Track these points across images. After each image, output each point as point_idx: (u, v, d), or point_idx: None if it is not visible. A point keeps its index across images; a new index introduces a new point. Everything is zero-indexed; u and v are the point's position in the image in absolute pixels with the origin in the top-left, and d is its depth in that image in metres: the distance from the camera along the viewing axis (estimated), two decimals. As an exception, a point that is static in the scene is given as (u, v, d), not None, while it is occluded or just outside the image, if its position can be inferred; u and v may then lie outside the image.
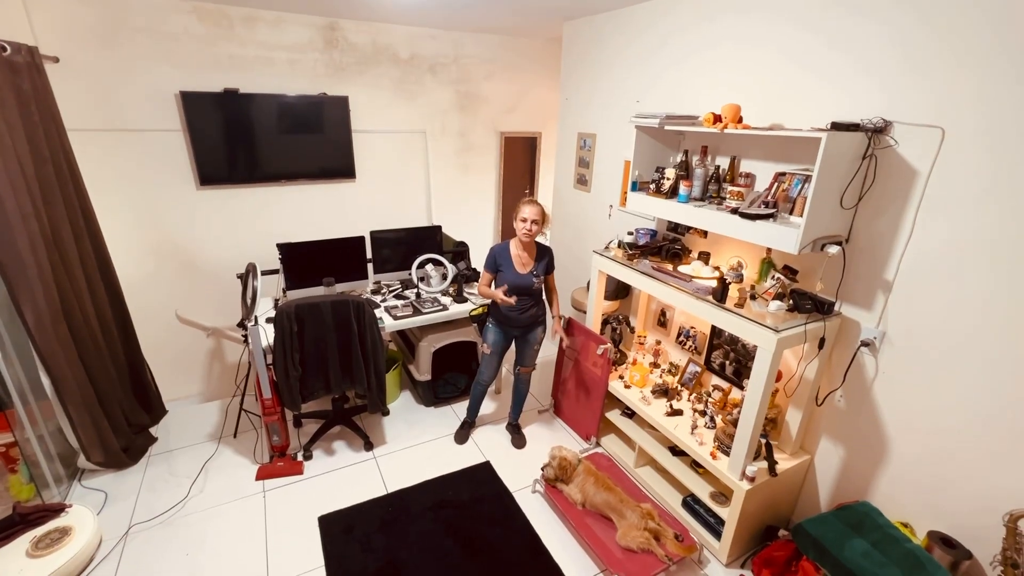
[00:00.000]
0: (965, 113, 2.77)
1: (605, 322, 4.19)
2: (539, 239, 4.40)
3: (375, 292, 4.37)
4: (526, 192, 4.55)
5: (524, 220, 3.39)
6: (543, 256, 3.56)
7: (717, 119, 3.09)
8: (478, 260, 5.24)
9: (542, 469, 3.59)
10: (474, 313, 4.00)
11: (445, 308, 4.14)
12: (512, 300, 3.43)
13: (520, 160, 5.86)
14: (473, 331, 4.37)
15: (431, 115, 5.23)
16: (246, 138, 4.34)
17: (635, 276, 3.45)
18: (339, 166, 4.80)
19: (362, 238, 4.42)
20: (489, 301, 3.75)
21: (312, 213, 4.85)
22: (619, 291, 4.27)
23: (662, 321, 4.03)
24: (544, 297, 3.72)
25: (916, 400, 3.06)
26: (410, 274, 4.42)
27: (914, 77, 2.86)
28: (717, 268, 3.38)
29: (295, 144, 4.57)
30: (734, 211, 3.01)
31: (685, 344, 3.89)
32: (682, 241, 3.74)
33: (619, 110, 4.28)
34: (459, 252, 4.67)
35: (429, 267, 4.47)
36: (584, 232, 4.80)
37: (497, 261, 3.54)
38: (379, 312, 4.07)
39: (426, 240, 4.59)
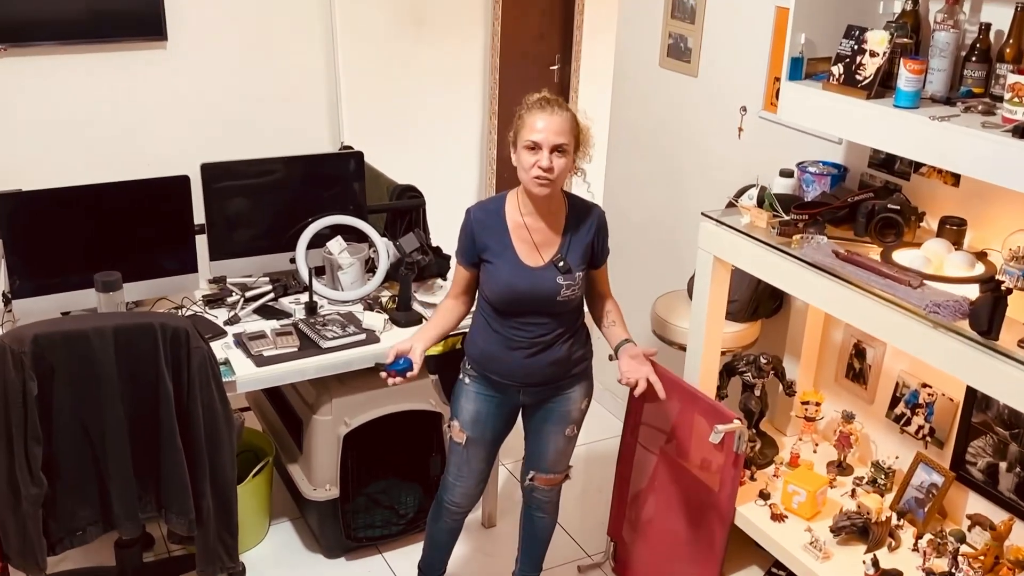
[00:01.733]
0: None
1: (729, 370, 3.18)
2: (573, 188, 3.13)
3: (212, 302, 3.22)
4: (540, 93, 3.15)
5: (535, 146, 2.52)
6: (583, 225, 2.69)
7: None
8: (445, 229, 3.91)
9: None
10: (432, 352, 2.94)
11: (370, 338, 3.08)
12: (386, 375, 2.84)
13: (538, 6, 5.17)
14: (432, 389, 3.10)
15: None
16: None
17: (796, 273, 2.72)
18: (131, 13, 4.02)
19: (183, 180, 3.11)
20: (463, 332, 2.92)
21: (65, 122, 4.08)
22: (760, 304, 3.20)
23: (856, 371, 3.08)
24: (583, 317, 2.75)
25: None
26: (292, 261, 3.24)
27: None
28: (982, 255, 2.64)
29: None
30: (1023, 130, 2.26)
31: (908, 423, 2.95)
32: (903, 193, 2.82)
33: None
34: (402, 211, 3.57)
35: (334, 244, 3.27)
36: (679, 170, 3.70)
37: (478, 241, 2.68)
38: (221, 348, 2.93)
39: (328, 184, 3.42)
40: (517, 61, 4.94)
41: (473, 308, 2.63)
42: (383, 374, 2.46)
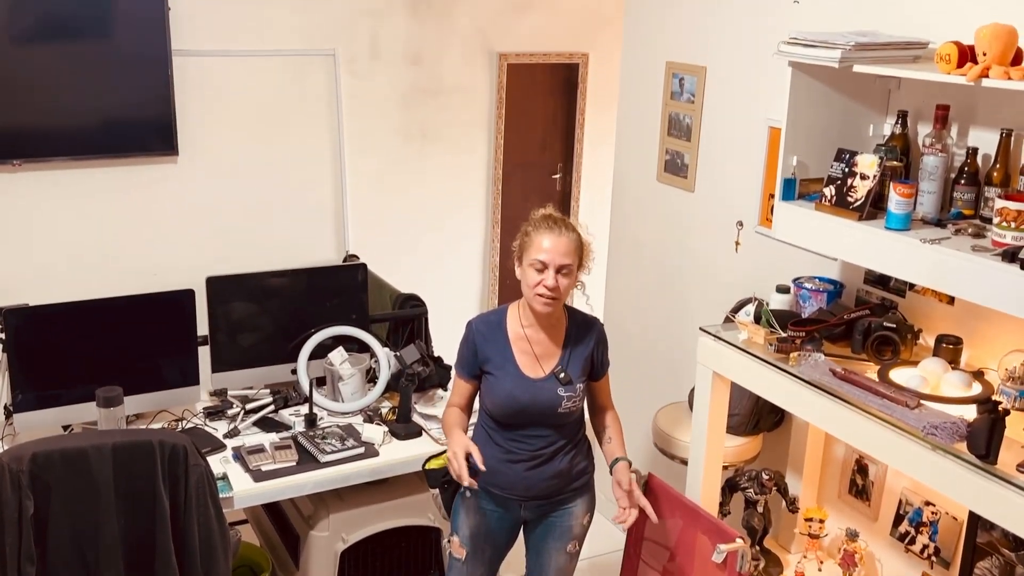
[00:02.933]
0: None
1: (732, 486, 3.17)
2: (573, 301, 3.22)
3: (212, 415, 3.22)
4: (546, 208, 3.04)
5: (541, 265, 2.57)
6: (583, 337, 2.73)
7: (966, 56, 2.47)
8: (447, 338, 3.88)
9: None
10: (433, 466, 2.92)
11: (369, 452, 3.07)
12: (470, 482, 2.60)
13: (543, 114, 5.35)
14: (431, 504, 3.07)
15: (348, 19, 4.52)
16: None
17: (794, 390, 2.74)
18: (143, 128, 4.11)
19: (188, 294, 3.17)
20: None
21: (76, 236, 4.14)
22: (762, 417, 3.22)
23: (859, 487, 3.08)
24: (585, 429, 2.76)
25: None
26: (293, 372, 3.28)
27: None
28: (979, 375, 2.65)
29: (47, 70, 3.91)
30: (1012, 255, 2.35)
31: (912, 542, 2.92)
32: (899, 311, 2.87)
33: (754, 23, 3.33)
34: (405, 320, 3.61)
35: (335, 355, 3.28)
36: (678, 282, 3.77)
37: (480, 353, 2.69)
38: (219, 462, 2.94)
39: (332, 295, 3.45)
40: (519, 170, 5.04)
41: (473, 420, 2.64)
42: (467, 482, 2.45)
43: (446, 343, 3.55)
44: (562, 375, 2.48)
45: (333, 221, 4.55)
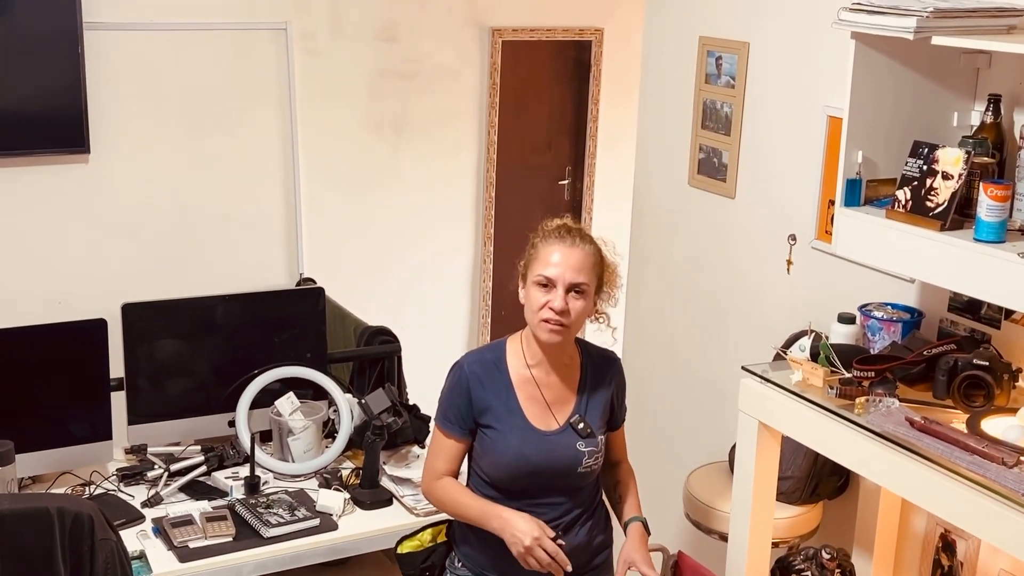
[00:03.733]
0: None
1: (784, 568, 3.16)
2: (595, 337, 3.17)
3: (128, 478, 3.26)
4: (562, 217, 3.03)
5: (547, 283, 2.60)
6: (602, 377, 2.76)
7: (1076, 25, 2.51)
8: (425, 383, 3.87)
9: None
10: (408, 548, 2.86)
11: (325, 524, 3.06)
12: (567, 564, 2.56)
13: (547, 105, 5.49)
14: None
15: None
16: None
17: (860, 445, 2.74)
18: (45, 119, 4.20)
19: (98, 324, 3.21)
20: (447, 519, 2.83)
21: None
22: (821, 481, 3.28)
23: (945, 569, 3.10)
24: (601, 494, 2.83)
25: None
26: (230, 424, 3.32)
27: None
28: None
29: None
30: None
31: None
32: (992, 345, 2.89)
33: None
34: (372, 359, 3.72)
35: (284, 403, 3.32)
36: (715, 311, 3.87)
37: (477, 402, 2.68)
38: (136, 537, 2.94)
39: (280, 328, 3.53)
40: (519, 175, 5.19)
41: None
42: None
43: (423, 389, 3.63)
44: (581, 426, 2.53)
45: (284, 236, 4.66)
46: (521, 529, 2.47)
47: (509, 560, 2.57)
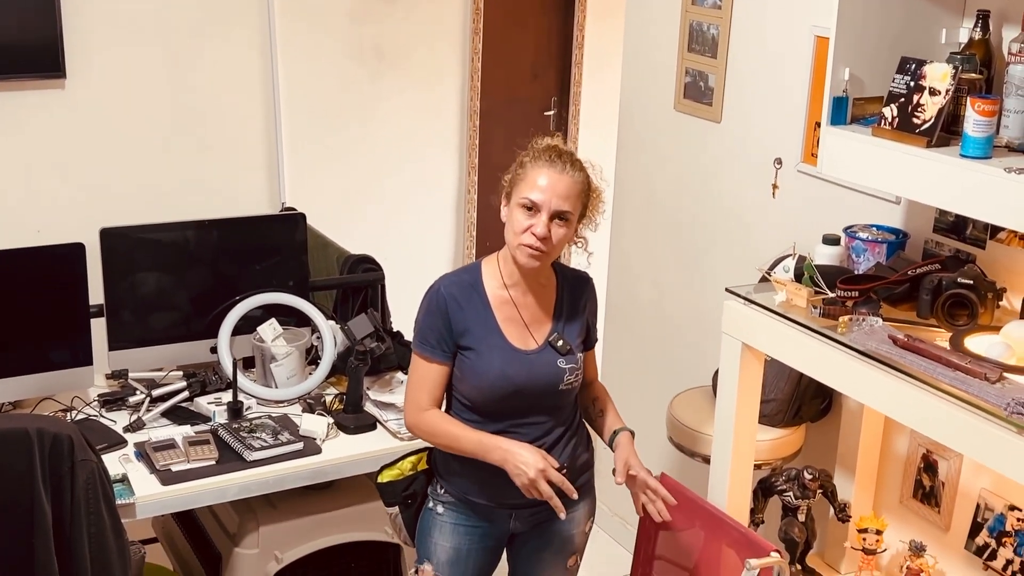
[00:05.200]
0: None
1: (766, 488, 3.24)
2: (571, 260, 3.45)
3: (109, 403, 3.27)
4: (553, 137, 2.97)
5: (532, 207, 2.61)
6: (577, 298, 2.79)
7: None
8: (409, 311, 3.90)
9: None
10: (389, 478, 2.91)
11: (308, 448, 3.08)
12: (572, 492, 2.62)
13: (532, 32, 5.53)
14: (387, 517, 3.10)
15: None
16: None
17: (844, 364, 2.77)
18: (19, 43, 4.19)
19: (76, 248, 3.20)
20: (426, 447, 2.83)
21: None
22: (803, 403, 3.30)
23: (927, 489, 3.13)
24: (580, 413, 2.87)
25: None
26: (212, 351, 3.34)
27: None
28: None
29: None
30: None
31: (993, 556, 2.94)
32: (977, 265, 2.92)
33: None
34: (355, 287, 3.73)
35: (266, 330, 3.34)
36: (700, 236, 3.90)
37: (456, 325, 2.70)
38: (118, 461, 2.95)
39: (262, 255, 3.54)
40: (503, 104, 5.19)
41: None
42: (562, 511, 2.49)
43: (407, 316, 3.56)
44: (560, 343, 2.55)
45: (265, 164, 4.65)
46: (526, 460, 2.49)
47: (495, 483, 2.62)
